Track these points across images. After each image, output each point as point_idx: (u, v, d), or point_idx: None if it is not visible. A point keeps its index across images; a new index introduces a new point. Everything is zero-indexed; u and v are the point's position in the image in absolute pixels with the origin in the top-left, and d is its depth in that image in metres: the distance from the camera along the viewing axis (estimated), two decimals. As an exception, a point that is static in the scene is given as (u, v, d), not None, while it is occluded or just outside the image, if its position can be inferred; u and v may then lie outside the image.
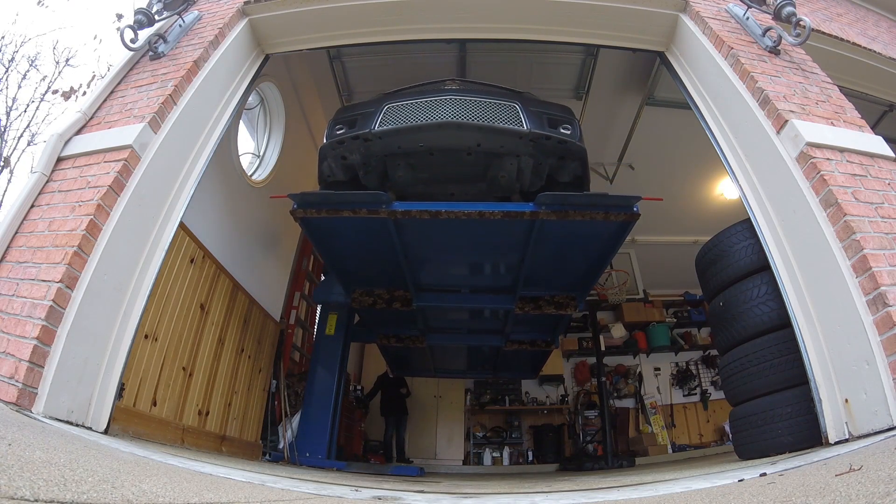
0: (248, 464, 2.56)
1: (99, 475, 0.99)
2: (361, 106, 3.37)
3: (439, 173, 3.31)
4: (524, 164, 3.18)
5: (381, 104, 3.21)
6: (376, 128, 3.02)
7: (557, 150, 3.12)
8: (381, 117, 3.09)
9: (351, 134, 3.08)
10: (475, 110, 3.02)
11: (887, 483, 0.90)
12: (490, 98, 3.13)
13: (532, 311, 4.16)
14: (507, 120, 3.02)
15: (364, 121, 3.13)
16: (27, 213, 2.35)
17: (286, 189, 5.08)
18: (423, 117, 3.02)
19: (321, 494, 1.41)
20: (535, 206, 3.02)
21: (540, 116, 3.10)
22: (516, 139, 3.02)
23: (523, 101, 3.18)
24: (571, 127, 3.15)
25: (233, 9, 3.33)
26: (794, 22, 2.88)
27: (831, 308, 2.12)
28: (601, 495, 1.53)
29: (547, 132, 3.02)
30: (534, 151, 3.10)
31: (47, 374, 1.95)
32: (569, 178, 3.28)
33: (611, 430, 6.46)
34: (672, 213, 7.29)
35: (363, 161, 3.20)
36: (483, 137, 3.03)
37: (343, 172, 3.32)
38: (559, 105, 3.42)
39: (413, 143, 3.09)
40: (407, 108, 3.09)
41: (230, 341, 3.98)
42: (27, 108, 10.80)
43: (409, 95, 3.31)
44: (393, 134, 3.03)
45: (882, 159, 2.48)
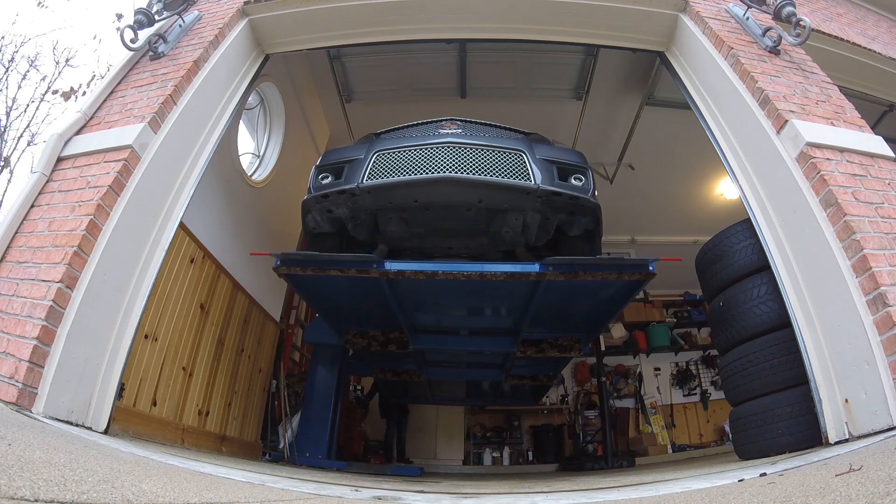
0: (248, 464, 2.56)
1: (99, 475, 0.99)
2: (348, 150, 3.06)
3: (436, 228, 3.01)
4: (530, 220, 2.90)
5: (370, 150, 2.91)
6: (364, 181, 2.73)
7: (568, 206, 2.85)
8: (369, 167, 2.79)
9: (336, 189, 2.78)
10: (477, 160, 2.72)
11: (887, 483, 0.90)
12: (494, 145, 2.82)
13: (534, 355, 3.95)
14: (512, 172, 2.73)
15: (351, 171, 2.84)
16: (27, 213, 2.35)
17: (286, 189, 5.10)
18: (417, 168, 2.71)
19: (321, 494, 1.41)
20: (542, 267, 2.76)
21: (549, 167, 2.81)
22: (523, 195, 2.72)
23: (531, 147, 2.88)
24: (584, 178, 2.86)
25: (233, 9, 3.33)
26: (794, 22, 2.88)
27: (831, 308, 2.12)
28: (601, 495, 1.53)
29: (557, 188, 2.73)
30: (542, 208, 2.82)
31: (47, 374, 1.95)
32: (579, 231, 3.00)
33: (611, 430, 6.45)
34: (672, 213, 7.30)
35: (351, 215, 2.92)
36: (485, 194, 2.74)
37: (330, 225, 3.06)
38: (570, 151, 3.11)
39: (406, 199, 2.80)
40: (399, 157, 2.80)
41: (230, 341, 3.98)
42: (27, 108, 10.80)
43: (402, 138, 3.02)
44: (383, 189, 2.73)
45: (882, 159, 2.48)
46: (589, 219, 2.94)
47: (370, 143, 3.05)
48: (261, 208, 4.56)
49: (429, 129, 3.07)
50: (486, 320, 3.94)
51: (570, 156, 2.98)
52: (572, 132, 5.76)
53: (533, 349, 3.87)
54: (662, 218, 7.47)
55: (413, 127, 3.19)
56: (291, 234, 5.46)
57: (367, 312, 3.72)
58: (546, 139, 3.21)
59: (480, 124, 3.17)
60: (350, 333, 3.98)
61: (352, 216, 2.92)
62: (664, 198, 7.03)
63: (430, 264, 2.85)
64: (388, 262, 2.77)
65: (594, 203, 2.84)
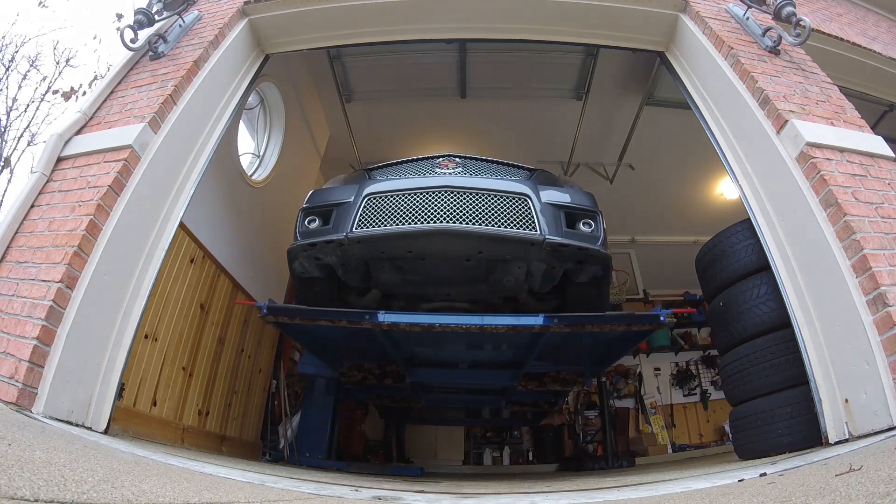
0: (248, 464, 2.56)
1: (99, 475, 0.99)
2: (337, 192, 2.85)
3: (432, 276, 2.84)
4: (535, 269, 2.71)
5: (360, 192, 2.70)
6: (353, 229, 2.55)
7: (576, 256, 2.63)
8: (359, 213, 2.60)
9: (323, 239, 2.61)
10: (476, 207, 2.52)
11: (887, 483, 0.90)
12: (495, 189, 2.61)
13: (535, 388, 3.80)
14: (515, 221, 2.53)
15: (340, 216, 2.65)
16: (27, 213, 2.35)
17: (286, 189, 5.10)
18: (411, 215, 2.52)
19: (321, 494, 1.41)
20: (547, 320, 2.57)
21: (556, 213, 2.61)
22: (527, 247, 2.52)
23: (536, 190, 2.68)
24: (594, 223, 2.67)
25: (233, 9, 3.33)
26: (794, 22, 2.88)
27: (831, 308, 2.12)
28: (601, 495, 1.53)
29: (565, 240, 2.53)
30: (547, 258, 2.61)
31: (47, 374, 1.95)
32: (587, 278, 2.78)
33: (611, 430, 6.45)
34: (672, 213, 7.31)
35: (341, 262, 2.74)
36: (486, 245, 2.54)
37: (319, 271, 2.87)
38: (578, 192, 2.87)
39: (399, 250, 2.62)
40: (391, 202, 2.60)
41: (230, 341, 3.98)
42: (27, 108, 10.81)
43: (396, 177, 2.84)
44: (373, 240, 2.55)
45: (882, 159, 2.48)
46: (598, 267, 2.74)
47: (361, 182, 2.85)
48: (261, 208, 4.56)
49: (425, 167, 2.89)
50: (487, 355, 3.78)
51: (578, 198, 2.78)
52: (572, 132, 5.76)
53: (534, 383, 3.70)
54: (662, 218, 7.48)
55: (408, 163, 2.99)
56: (291, 234, 5.45)
57: (361, 350, 3.56)
58: (552, 177, 3.03)
59: (481, 161, 2.96)
60: (345, 366, 3.81)
61: (342, 263, 2.74)
62: (664, 198, 7.03)
63: (427, 316, 2.65)
64: (381, 313, 2.56)
65: (604, 254, 2.64)
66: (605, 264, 2.71)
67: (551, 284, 2.82)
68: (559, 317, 2.57)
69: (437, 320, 2.59)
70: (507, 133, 6.01)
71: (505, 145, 6.23)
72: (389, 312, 2.58)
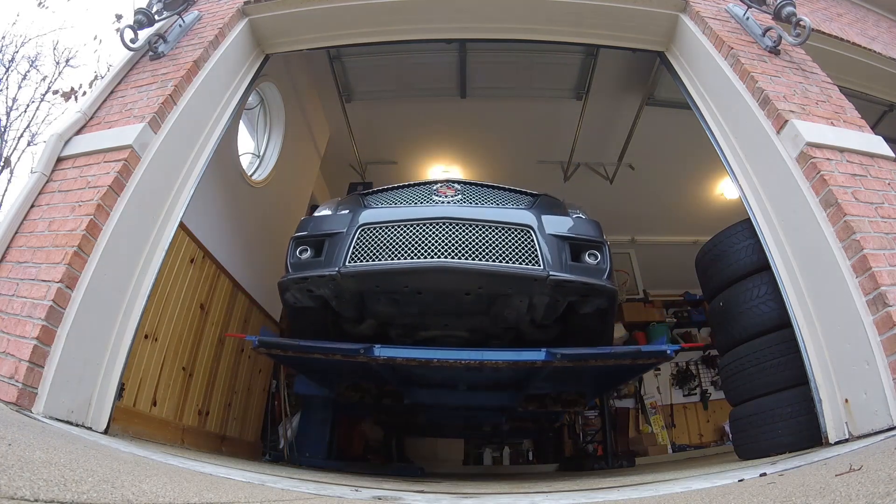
0: (248, 464, 2.56)
1: (99, 475, 0.99)
2: (329, 221, 2.73)
3: (430, 309, 2.73)
4: (537, 302, 2.58)
5: (354, 221, 2.58)
6: (347, 263, 2.44)
7: (581, 290, 2.52)
8: (352, 245, 2.49)
9: (315, 274, 2.51)
10: (476, 240, 2.41)
11: (887, 483, 0.90)
12: (497, 221, 2.49)
13: (536, 409, 3.70)
14: (518, 255, 2.42)
15: (332, 247, 2.54)
16: (27, 213, 2.36)
17: (286, 189, 5.11)
18: (407, 249, 2.41)
19: (321, 494, 1.41)
20: (549, 356, 2.45)
21: (561, 245, 2.50)
22: (529, 282, 2.42)
23: (539, 220, 2.57)
24: (600, 254, 2.56)
25: (233, 9, 3.33)
26: (794, 22, 2.88)
27: (831, 308, 2.12)
28: (601, 495, 1.53)
29: (569, 276, 2.42)
30: (551, 293, 2.49)
31: (47, 374, 1.95)
32: (592, 309, 2.67)
33: (611, 430, 6.44)
34: (672, 213, 7.31)
35: (335, 295, 2.61)
36: (486, 282, 2.44)
37: (312, 301, 2.76)
38: (584, 221, 2.74)
39: (395, 284, 2.52)
40: (386, 233, 2.48)
41: (230, 341, 3.98)
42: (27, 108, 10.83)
43: (391, 203, 2.73)
44: (367, 276, 2.45)
45: (882, 159, 2.48)
46: (603, 299, 2.63)
47: (354, 209, 2.73)
48: (261, 208, 4.56)
49: (422, 194, 2.77)
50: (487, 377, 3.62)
51: (583, 228, 2.66)
52: (572, 132, 5.76)
53: (535, 404, 3.59)
54: (662, 218, 7.48)
55: (404, 188, 2.87)
56: (291, 234, 5.45)
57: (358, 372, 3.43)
58: (557, 202, 2.90)
59: (481, 186, 2.83)
60: (342, 387, 3.71)
61: (335, 296, 2.61)
62: (664, 198, 7.03)
63: (424, 351, 2.53)
64: (377, 348, 2.42)
65: (610, 288, 2.53)
66: (610, 298, 2.61)
67: (554, 316, 2.71)
68: (562, 353, 2.44)
69: (435, 355, 2.47)
70: (507, 133, 6.01)
71: (505, 145, 6.24)
72: (385, 347, 2.46)
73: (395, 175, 6.71)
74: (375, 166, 6.55)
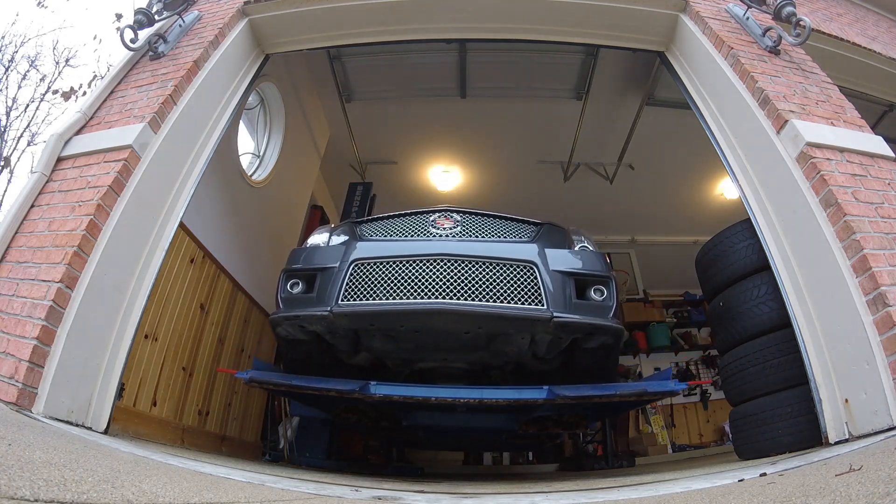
0: (248, 464, 2.56)
1: (99, 475, 0.99)
2: (321, 254, 2.61)
3: (428, 345, 2.63)
4: (540, 339, 2.46)
5: (347, 255, 2.46)
6: (339, 301, 2.33)
7: (585, 328, 2.40)
8: (345, 282, 2.37)
9: (306, 314, 2.39)
10: (477, 279, 2.29)
11: (887, 483, 0.90)
12: (498, 258, 2.36)
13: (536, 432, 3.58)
14: (520, 293, 2.30)
15: (324, 282, 2.42)
16: (27, 213, 2.36)
17: (286, 189, 5.11)
18: (402, 286, 2.29)
19: (321, 494, 1.41)
20: (551, 394, 2.35)
21: (566, 282, 2.38)
22: (532, 323, 2.30)
23: (543, 255, 2.44)
24: (606, 290, 2.44)
25: (233, 9, 3.33)
26: (794, 22, 2.88)
27: (831, 308, 2.12)
28: (601, 495, 1.53)
29: (574, 317, 2.30)
30: (554, 332, 2.36)
31: (47, 374, 1.95)
32: (596, 344, 2.54)
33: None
34: (672, 213, 7.31)
35: (328, 330, 2.49)
36: (487, 323, 2.33)
37: (305, 335, 2.64)
38: (589, 254, 2.60)
39: (390, 324, 2.40)
40: (381, 270, 2.36)
41: (230, 341, 3.98)
42: (27, 108, 10.84)
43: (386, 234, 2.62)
44: (361, 316, 2.34)
45: (882, 159, 2.48)
46: (608, 336, 2.50)
47: (348, 242, 2.62)
48: (261, 208, 4.56)
49: (419, 224, 2.64)
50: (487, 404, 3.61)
51: (589, 262, 2.53)
52: (572, 132, 5.76)
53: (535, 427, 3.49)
54: (662, 218, 7.48)
55: (400, 217, 2.73)
56: (291, 234, 5.46)
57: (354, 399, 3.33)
58: (561, 232, 2.77)
59: (482, 216, 2.70)
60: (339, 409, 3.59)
61: (329, 331, 2.50)
62: (664, 198, 7.04)
63: (422, 389, 2.46)
64: (372, 385, 2.32)
65: (617, 328, 2.41)
66: (616, 335, 2.49)
67: (557, 350, 2.60)
68: (564, 394, 2.34)
69: (433, 394, 2.37)
70: (507, 133, 6.02)
71: (505, 145, 6.24)
72: (381, 384, 2.37)
73: (395, 175, 6.71)
74: (375, 166, 6.56)
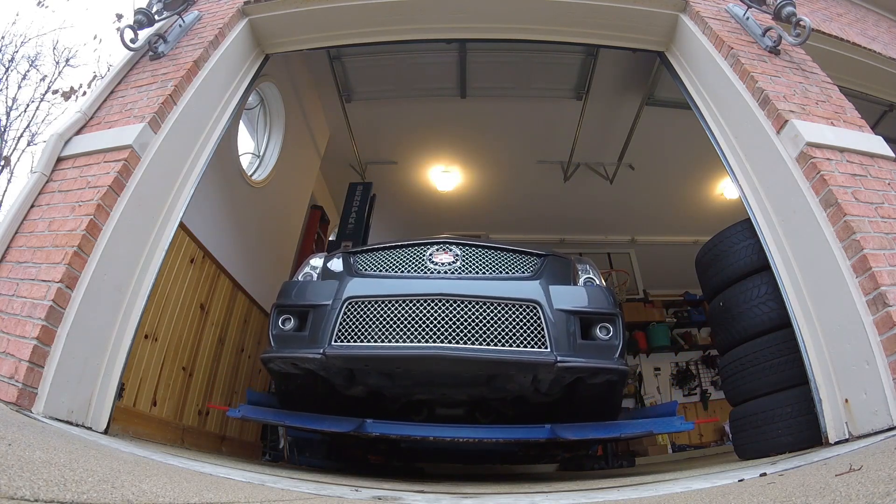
0: (248, 464, 2.56)
1: (99, 475, 0.99)
2: (313, 290, 2.50)
3: (426, 382, 2.53)
4: (542, 377, 2.34)
5: (340, 293, 2.35)
6: (333, 342, 2.23)
7: (590, 371, 2.30)
8: (338, 322, 2.27)
9: (299, 356, 2.30)
10: (477, 320, 2.19)
11: (887, 483, 0.90)
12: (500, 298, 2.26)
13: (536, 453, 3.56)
14: (523, 335, 2.20)
15: (316, 322, 2.32)
16: (27, 213, 2.35)
17: (286, 189, 5.11)
18: (398, 327, 2.20)
19: (321, 494, 1.41)
20: (553, 433, 2.26)
21: (570, 321, 2.27)
22: (535, 367, 2.20)
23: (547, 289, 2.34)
24: (612, 328, 2.33)
25: (233, 9, 3.33)
26: (794, 22, 2.88)
27: (831, 308, 2.12)
28: (601, 495, 1.53)
29: (578, 360, 2.19)
30: (557, 374, 2.25)
31: (47, 374, 1.95)
32: (601, 381, 2.43)
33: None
34: (672, 213, 7.32)
35: (322, 368, 2.38)
36: (487, 367, 2.23)
37: (298, 370, 2.53)
38: (595, 289, 2.48)
39: (386, 367, 2.32)
40: (375, 310, 2.26)
41: (230, 341, 3.98)
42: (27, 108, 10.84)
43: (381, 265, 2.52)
44: (356, 359, 2.24)
45: (882, 159, 2.48)
46: (613, 375, 2.40)
47: (341, 274, 2.51)
48: (261, 208, 4.56)
49: (416, 259, 2.53)
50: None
51: (594, 299, 2.42)
52: (572, 132, 5.77)
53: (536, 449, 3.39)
54: (662, 218, 7.49)
55: (397, 249, 2.60)
56: (291, 234, 5.46)
57: None
58: (564, 261, 2.64)
59: (483, 248, 2.57)
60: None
61: (323, 369, 2.40)
62: (664, 198, 7.04)
63: (419, 428, 2.39)
64: (369, 423, 2.25)
65: (622, 369, 2.31)
66: (622, 375, 2.40)
67: (559, 387, 2.49)
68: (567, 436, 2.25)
69: (431, 433, 2.30)
70: (507, 133, 6.02)
71: (505, 145, 6.24)
72: (378, 423, 2.30)
73: (395, 175, 6.72)
74: (375, 166, 6.56)
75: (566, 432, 2.26)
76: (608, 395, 2.61)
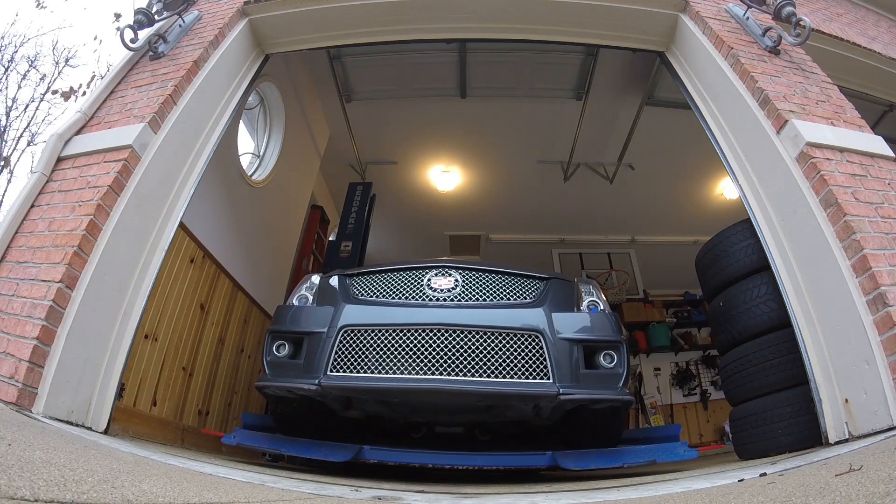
0: (248, 464, 2.56)
1: (99, 475, 0.99)
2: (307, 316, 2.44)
3: (424, 408, 2.49)
4: (544, 406, 2.27)
5: (335, 321, 2.28)
6: (328, 371, 2.17)
7: (592, 401, 2.23)
8: (334, 351, 2.20)
9: (293, 386, 2.23)
10: (477, 350, 2.13)
11: (887, 483, 0.90)
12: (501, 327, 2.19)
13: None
14: (524, 366, 2.13)
15: (311, 350, 2.26)
16: (27, 213, 2.36)
17: (286, 189, 5.11)
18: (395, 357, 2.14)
19: (321, 494, 1.41)
20: (553, 461, 2.23)
21: (573, 350, 2.20)
22: (536, 398, 2.15)
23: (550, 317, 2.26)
24: (616, 356, 2.26)
25: (233, 9, 3.33)
26: (794, 22, 2.88)
27: (831, 308, 2.12)
28: (601, 495, 1.53)
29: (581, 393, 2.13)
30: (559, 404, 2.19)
31: (47, 374, 1.95)
32: (603, 406, 2.38)
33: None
34: (672, 213, 7.32)
35: (318, 395, 2.30)
36: (487, 399, 2.17)
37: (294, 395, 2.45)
38: (600, 314, 2.42)
39: (383, 397, 2.27)
40: (371, 339, 2.19)
41: (230, 341, 3.98)
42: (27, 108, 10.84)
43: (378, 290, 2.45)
44: (352, 389, 2.19)
45: (882, 159, 2.48)
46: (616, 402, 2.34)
47: (336, 299, 2.44)
48: (261, 208, 4.56)
49: (414, 283, 2.44)
50: None
51: (599, 326, 2.35)
52: (572, 132, 5.77)
53: None
54: (662, 218, 7.48)
55: (394, 273, 2.52)
56: (291, 234, 5.46)
57: None
58: (567, 284, 2.56)
59: (484, 272, 2.48)
60: None
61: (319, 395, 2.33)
62: (664, 198, 7.04)
63: (417, 455, 2.33)
64: (367, 449, 2.22)
65: (626, 399, 2.24)
66: (626, 404, 2.34)
67: (560, 414, 2.42)
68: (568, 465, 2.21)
69: (430, 460, 2.28)
70: (507, 133, 6.02)
71: (505, 145, 6.24)
72: (376, 449, 2.27)
73: (395, 175, 6.72)
74: (375, 166, 6.56)
75: (567, 461, 2.21)
76: (611, 419, 2.58)
